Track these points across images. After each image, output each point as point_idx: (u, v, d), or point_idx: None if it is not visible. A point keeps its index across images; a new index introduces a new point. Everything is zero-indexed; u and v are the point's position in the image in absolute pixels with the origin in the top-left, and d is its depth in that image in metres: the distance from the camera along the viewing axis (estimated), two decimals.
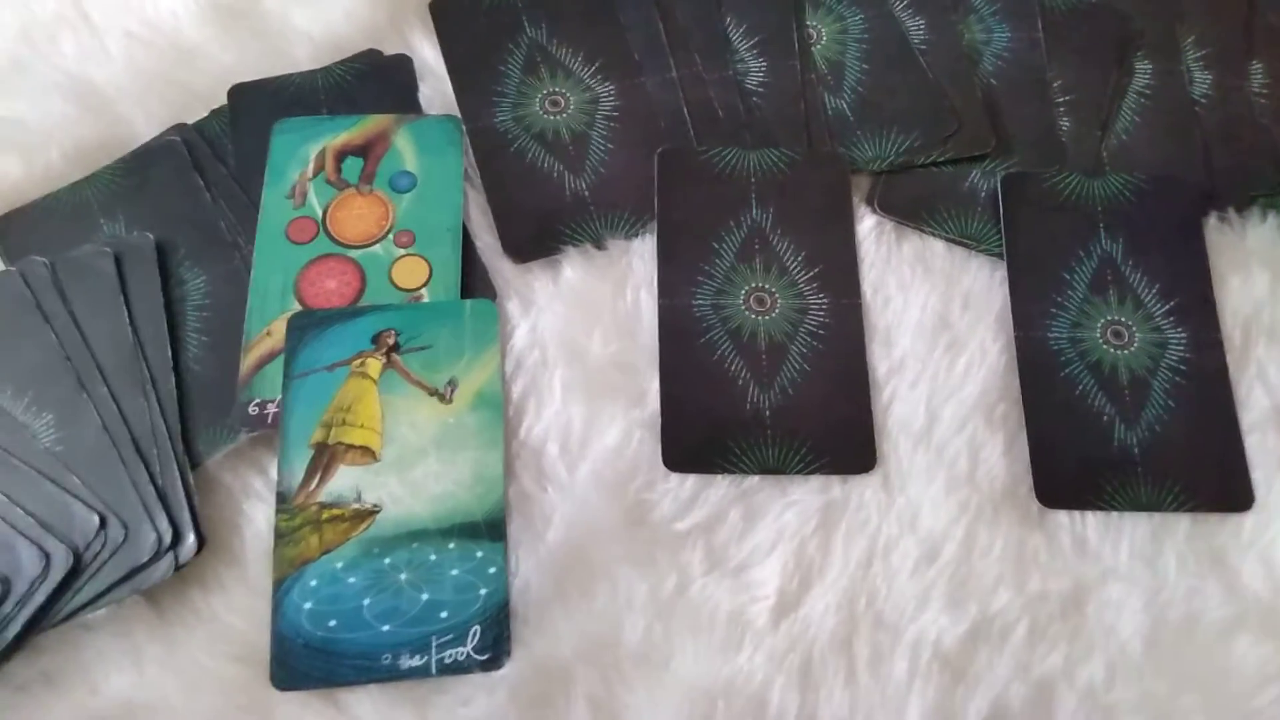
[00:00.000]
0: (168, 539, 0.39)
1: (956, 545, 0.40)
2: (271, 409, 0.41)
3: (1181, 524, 0.41)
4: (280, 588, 0.39)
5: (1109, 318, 0.44)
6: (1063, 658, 0.39)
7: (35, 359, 0.41)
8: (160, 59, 0.49)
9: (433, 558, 0.39)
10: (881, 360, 0.44)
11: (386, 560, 0.39)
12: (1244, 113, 0.49)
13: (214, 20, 0.50)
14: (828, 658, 0.39)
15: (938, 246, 0.46)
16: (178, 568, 0.39)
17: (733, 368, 0.43)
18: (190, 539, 0.39)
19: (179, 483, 0.40)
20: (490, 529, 0.40)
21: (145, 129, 0.48)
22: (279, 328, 0.42)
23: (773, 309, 0.44)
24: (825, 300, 0.44)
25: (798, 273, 0.45)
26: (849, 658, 0.39)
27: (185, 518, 0.39)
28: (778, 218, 0.46)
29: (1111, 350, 0.44)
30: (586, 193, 0.47)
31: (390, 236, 0.45)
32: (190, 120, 0.48)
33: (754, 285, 0.45)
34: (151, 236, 0.44)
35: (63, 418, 0.41)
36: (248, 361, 0.42)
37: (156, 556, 0.39)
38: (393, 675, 0.38)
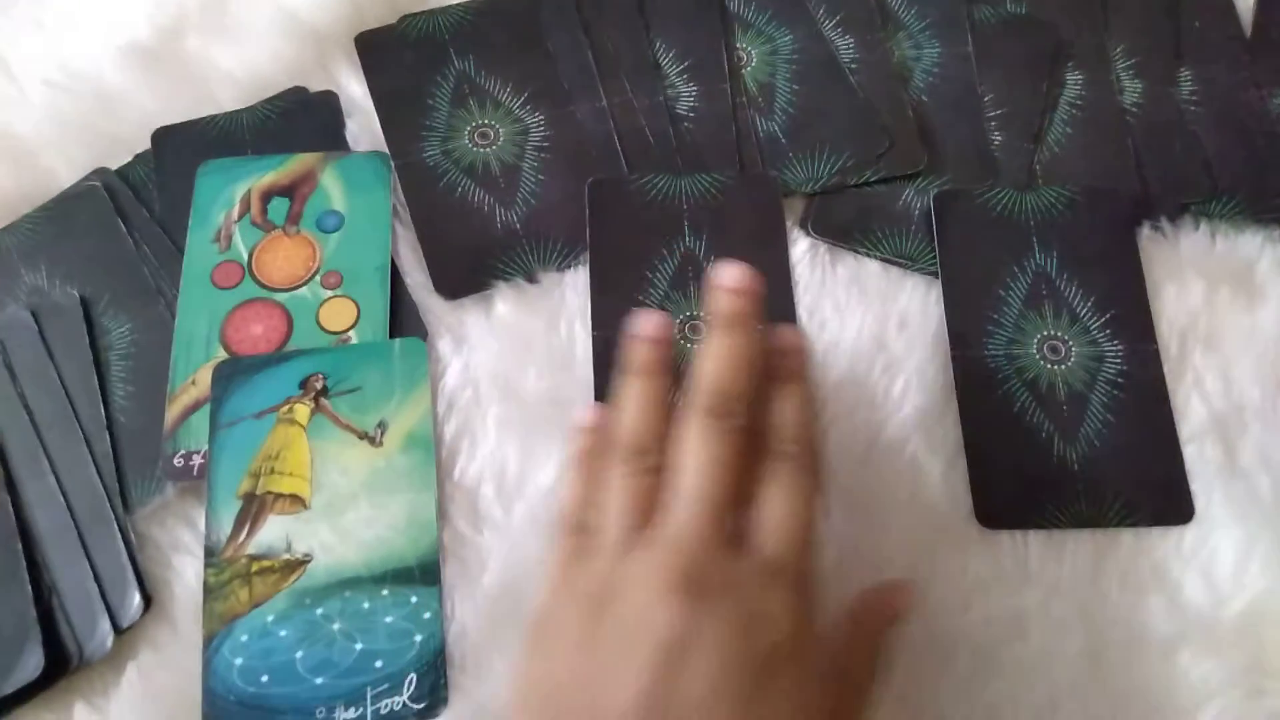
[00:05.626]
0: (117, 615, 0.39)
1: (898, 571, 0.40)
2: (198, 460, 0.40)
3: (1123, 539, 0.41)
4: (210, 644, 0.38)
5: (1045, 333, 0.44)
6: (1007, 682, 0.38)
7: None
8: (82, 106, 0.48)
9: (366, 605, 0.39)
10: (819, 385, 0.43)
11: (319, 610, 0.38)
12: (1174, 120, 0.48)
13: (135, 65, 0.49)
14: None
15: (873, 267, 0.46)
16: (123, 630, 0.38)
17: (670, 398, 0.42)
18: (136, 599, 0.39)
19: (120, 544, 0.39)
20: (424, 573, 0.39)
21: (68, 177, 0.47)
22: (204, 376, 0.42)
23: None
24: (760, 325, 0.44)
25: None
26: None
27: (129, 578, 0.39)
28: (711, 243, 0.46)
29: (1048, 366, 0.43)
30: (518, 225, 0.46)
31: (317, 278, 0.44)
32: (114, 167, 0.47)
33: (689, 314, 0.44)
34: (77, 294, 0.44)
35: None
36: (172, 412, 0.41)
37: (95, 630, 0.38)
38: None
